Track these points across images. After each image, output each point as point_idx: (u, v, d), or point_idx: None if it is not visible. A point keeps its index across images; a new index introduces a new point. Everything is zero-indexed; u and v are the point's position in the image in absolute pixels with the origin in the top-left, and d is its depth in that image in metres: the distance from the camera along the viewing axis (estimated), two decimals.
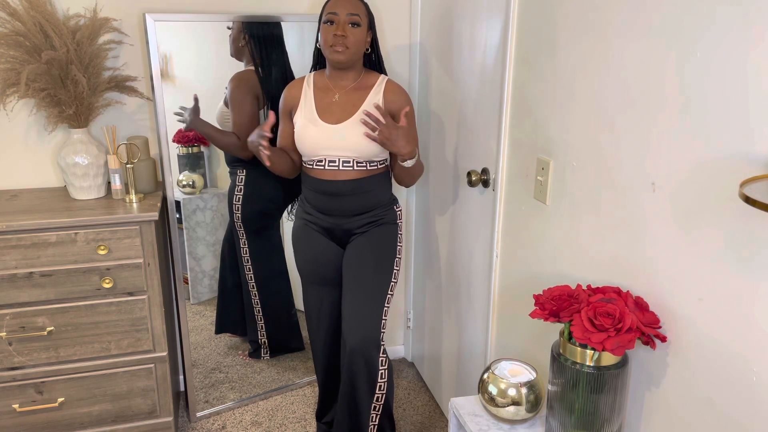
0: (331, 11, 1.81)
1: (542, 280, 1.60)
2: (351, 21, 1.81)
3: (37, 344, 1.95)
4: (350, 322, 1.90)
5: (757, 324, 0.96)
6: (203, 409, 2.42)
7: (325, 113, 1.88)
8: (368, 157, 1.87)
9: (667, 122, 1.11)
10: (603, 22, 1.27)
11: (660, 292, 1.17)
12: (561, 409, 1.22)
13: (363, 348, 1.88)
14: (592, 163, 1.35)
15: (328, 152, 1.86)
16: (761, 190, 0.84)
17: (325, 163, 1.88)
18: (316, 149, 1.87)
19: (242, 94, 2.24)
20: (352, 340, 1.88)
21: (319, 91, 1.91)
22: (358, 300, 1.91)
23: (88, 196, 2.07)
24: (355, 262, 1.94)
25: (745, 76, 0.94)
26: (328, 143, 1.85)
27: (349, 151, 1.85)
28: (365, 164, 1.88)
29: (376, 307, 1.90)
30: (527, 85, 1.61)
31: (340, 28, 1.80)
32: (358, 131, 1.83)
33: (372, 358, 1.90)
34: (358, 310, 1.90)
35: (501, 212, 1.81)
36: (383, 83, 1.90)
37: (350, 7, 1.81)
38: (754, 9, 0.92)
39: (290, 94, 1.95)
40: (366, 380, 1.92)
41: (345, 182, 1.88)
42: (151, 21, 2.00)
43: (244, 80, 2.25)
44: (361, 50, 1.86)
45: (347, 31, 1.80)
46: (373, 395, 1.94)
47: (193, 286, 2.46)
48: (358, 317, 1.89)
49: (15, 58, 1.91)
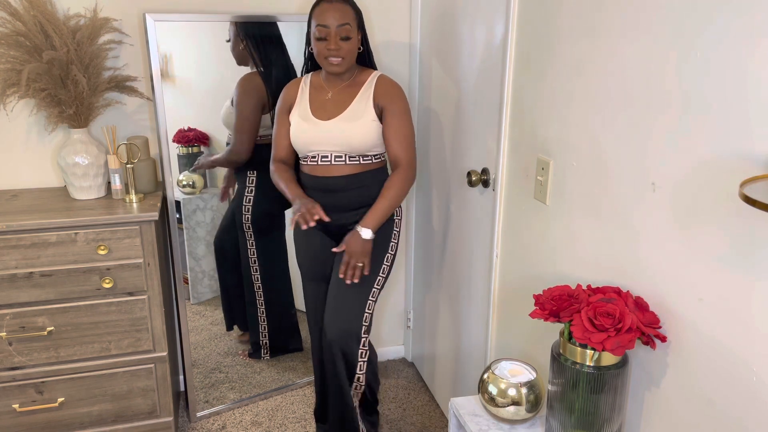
0: (321, 23, 1.80)
1: (542, 280, 1.60)
2: (342, 34, 1.81)
3: (37, 344, 1.95)
4: (330, 315, 1.94)
5: (758, 324, 0.96)
6: (203, 409, 2.42)
7: (318, 110, 1.90)
8: (360, 152, 1.88)
9: (667, 122, 1.11)
10: (603, 22, 1.27)
11: (660, 292, 1.17)
12: (561, 409, 1.22)
13: (341, 340, 1.92)
14: (592, 163, 1.35)
15: (320, 147, 1.89)
16: (761, 190, 0.84)
17: (318, 159, 1.90)
18: (308, 144, 1.90)
19: (247, 99, 2.25)
20: (330, 333, 1.92)
21: (315, 90, 1.95)
22: (340, 293, 1.93)
23: (88, 196, 2.07)
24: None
25: (746, 76, 0.94)
26: (319, 138, 1.88)
27: (339, 146, 1.87)
28: (358, 158, 1.90)
29: (358, 301, 1.92)
30: (527, 85, 1.61)
31: (333, 42, 1.80)
32: (347, 126, 1.86)
33: (351, 350, 1.94)
34: (339, 303, 1.93)
35: (501, 212, 1.81)
36: (375, 79, 1.91)
37: (339, 17, 1.80)
38: (754, 9, 0.92)
39: (288, 93, 1.98)
40: (344, 372, 1.96)
41: (338, 177, 1.90)
42: (151, 21, 2.00)
43: (250, 84, 2.25)
44: (355, 56, 1.87)
45: (340, 44, 1.81)
46: (352, 386, 1.99)
47: (193, 286, 2.46)
48: (338, 310, 1.93)
49: (15, 58, 1.91)
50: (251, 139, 2.28)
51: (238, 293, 2.53)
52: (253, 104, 2.26)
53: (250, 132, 2.27)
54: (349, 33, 1.81)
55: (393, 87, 1.90)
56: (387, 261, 1.98)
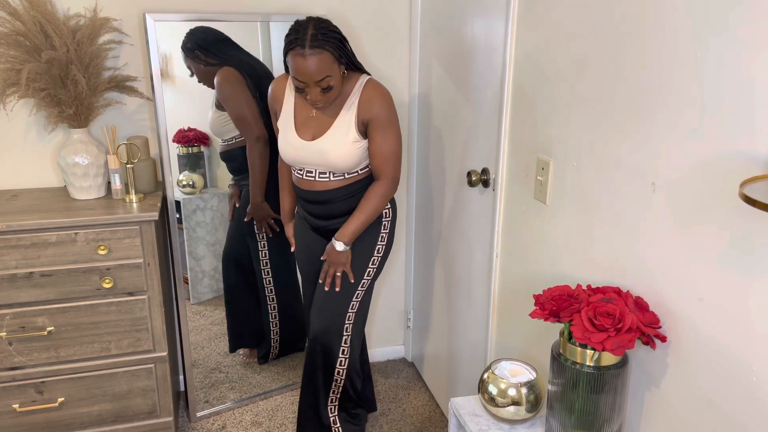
0: (297, 77, 1.68)
1: (542, 280, 1.60)
2: (323, 86, 1.69)
3: (37, 344, 1.95)
4: (315, 312, 1.99)
5: (757, 324, 0.96)
6: (203, 409, 2.42)
7: (302, 127, 1.85)
8: (344, 171, 1.85)
9: (667, 122, 1.11)
10: (603, 22, 1.27)
11: (660, 292, 1.17)
12: (561, 409, 1.22)
13: (322, 335, 1.97)
14: (592, 163, 1.35)
15: (304, 165, 1.88)
16: (761, 190, 0.84)
17: (304, 173, 1.90)
18: (292, 161, 1.89)
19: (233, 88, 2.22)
20: (314, 329, 1.98)
21: (300, 98, 1.87)
22: (324, 293, 1.97)
23: (88, 196, 2.07)
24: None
25: (746, 77, 0.94)
26: (302, 158, 1.85)
27: (322, 167, 1.86)
28: (343, 174, 1.87)
29: (340, 301, 1.96)
30: (527, 85, 1.61)
31: (312, 94, 1.71)
32: (329, 148, 1.80)
33: (331, 345, 1.98)
34: (322, 302, 1.97)
35: (501, 212, 1.81)
36: (360, 90, 1.80)
37: (317, 72, 1.65)
38: (754, 9, 0.92)
39: (274, 94, 1.93)
40: (322, 367, 2.01)
41: (322, 192, 1.90)
42: (151, 21, 2.00)
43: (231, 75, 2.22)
44: (339, 89, 1.76)
45: (320, 96, 1.71)
46: (331, 382, 2.03)
47: (193, 286, 2.46)
48: (321, 308, 1.98)
49: (15, 58, 1.91)
50: (259, 122, 2.24)
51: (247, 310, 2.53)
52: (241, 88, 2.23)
53: (255, 116, 2.24)
54: (331, 82, 1.69)
55: (376, 98, 1.78)
56: (373, 264, 1.98)
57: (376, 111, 1.78)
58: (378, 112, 1.79)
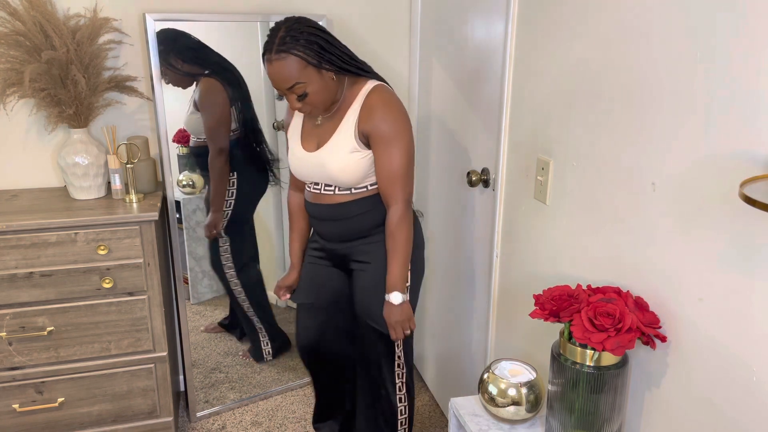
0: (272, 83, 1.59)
1: (542, 280, 1.60)
2: (297, 93, 1.58)
3: (37, 344, 1.95)
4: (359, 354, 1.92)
5: (757, 324, 0.96)
6: (203, 409, 2.42)
7: (307, 138, 1.75)
8: (347, 185, 1.71)
9: (667, 122, 1.11)
10: (603, 22, 1.27)
11: (660, 292, 1.17)
12: (561, 409, 1.22)
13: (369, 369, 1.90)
14: (592, 163, 1.35)
15: (310, 178, 1.77)
16: (761, 190, 0.84)
17: (311, 185, 1.78)
18: (299, 175, 1.79)
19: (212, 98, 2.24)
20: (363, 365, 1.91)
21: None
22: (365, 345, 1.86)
23: (88, 196, 2.07)
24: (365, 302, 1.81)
25: (746, 77, 0.94)
26: (306, 170, 1.75)
27: (325, 179, 1.72)
28: (349, 189, 1.72)
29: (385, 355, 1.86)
30: (527, 85, 1.61)
31: (290, 101, 1.61)
32: (329, 160, 1.67)
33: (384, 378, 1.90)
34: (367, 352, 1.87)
35: (501, 212, 1.81)
36: (362, 100, 1.65)
37: (285, 80, 1.55)
38: (754, 9, 0.92)
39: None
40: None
41: (328, 206, 1.75)
42: (151, 21, 2.00)
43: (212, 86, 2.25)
44: (328, 95, 1.62)
45: (298, 103, 1.61)
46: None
47: (193, 286, 2.46)
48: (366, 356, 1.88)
49: (15, 58, 1.91)
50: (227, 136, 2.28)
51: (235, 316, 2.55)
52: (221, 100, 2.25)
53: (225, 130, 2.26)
54: (305, 88, 1.56)
55: (378, 107, 1.62)
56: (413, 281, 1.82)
57: (377, 122, 1.61)
58: (379, 123, 1.61)
